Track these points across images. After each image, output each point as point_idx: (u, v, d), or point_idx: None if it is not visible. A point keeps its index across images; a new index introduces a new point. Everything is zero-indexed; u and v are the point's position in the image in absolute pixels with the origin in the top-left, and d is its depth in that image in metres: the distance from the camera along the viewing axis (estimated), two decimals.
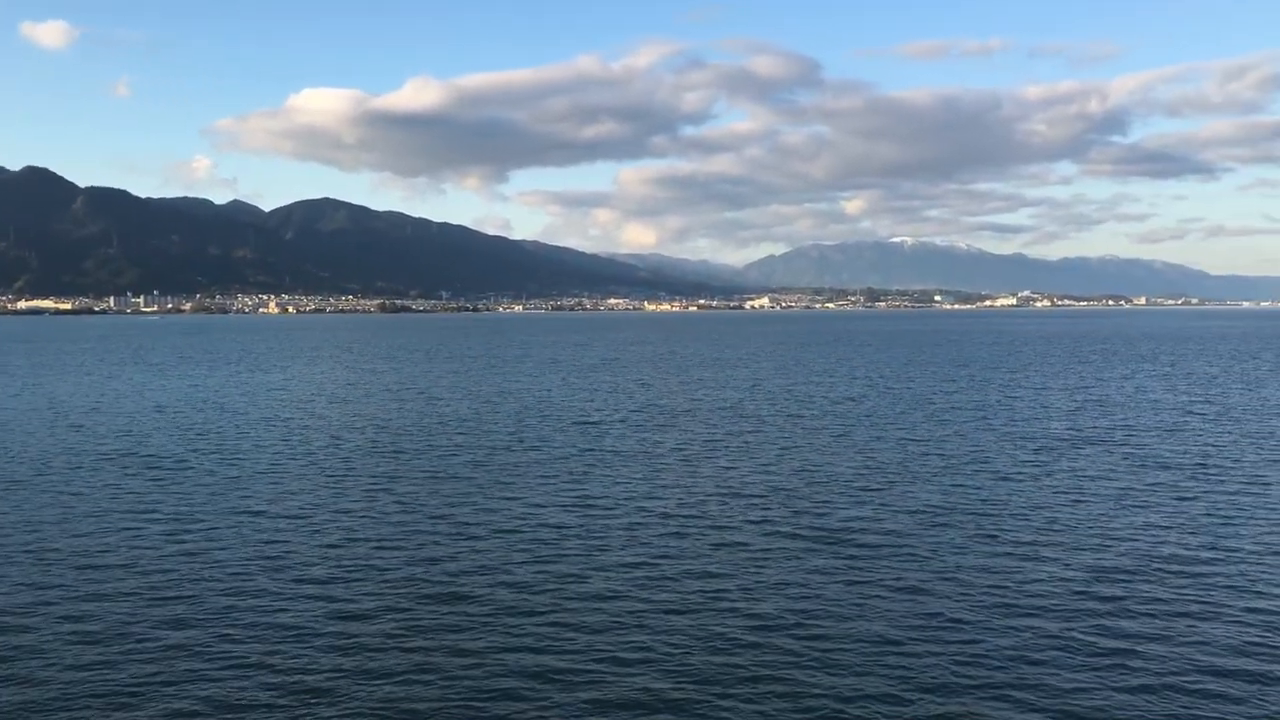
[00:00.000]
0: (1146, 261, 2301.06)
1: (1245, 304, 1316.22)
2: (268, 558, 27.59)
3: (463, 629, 21.97)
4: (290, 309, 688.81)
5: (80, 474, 40.59)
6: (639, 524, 31.52)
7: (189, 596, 24.21)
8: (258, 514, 33.06)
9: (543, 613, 22.97)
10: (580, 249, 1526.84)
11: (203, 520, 32.13)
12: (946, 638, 21.15)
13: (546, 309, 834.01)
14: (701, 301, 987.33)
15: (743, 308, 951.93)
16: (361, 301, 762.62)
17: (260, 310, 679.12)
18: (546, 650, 20.71)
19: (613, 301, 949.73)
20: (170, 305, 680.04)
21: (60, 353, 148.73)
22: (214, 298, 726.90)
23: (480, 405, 67.29)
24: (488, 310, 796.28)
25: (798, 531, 30.27)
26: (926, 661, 19.88)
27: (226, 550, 28.37)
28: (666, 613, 22.88)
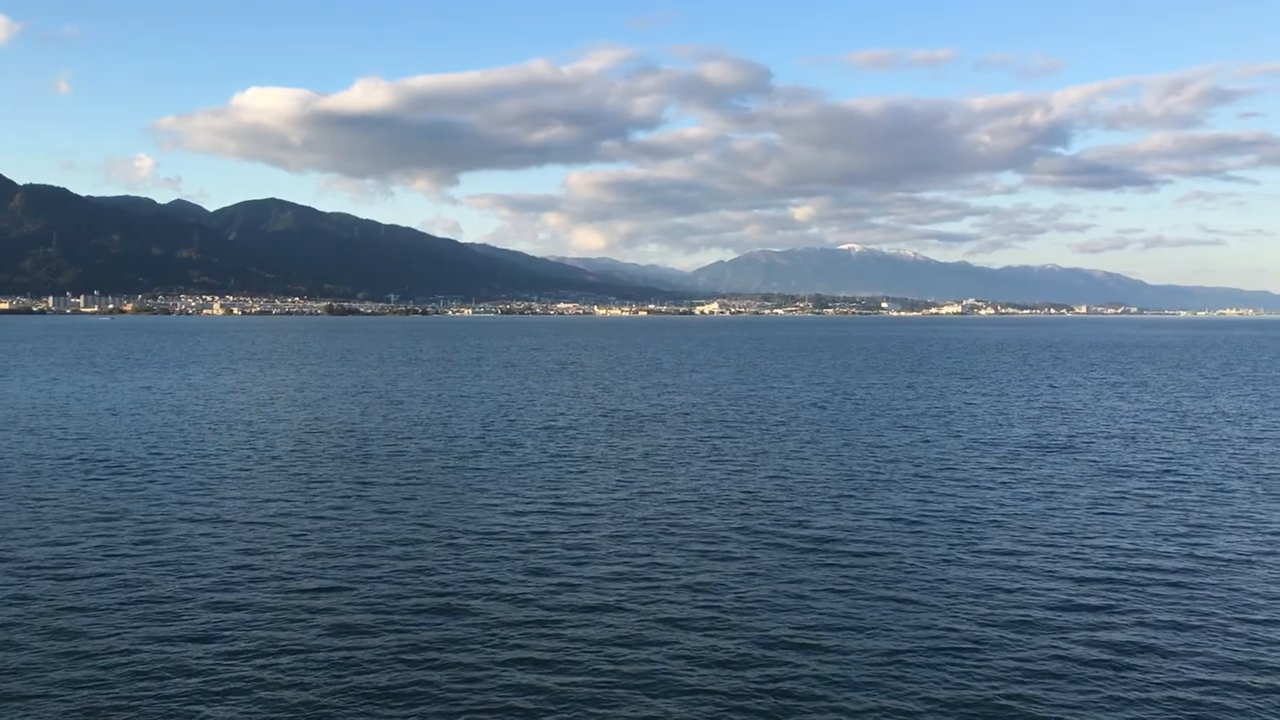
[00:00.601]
0: (1087, 271, 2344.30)
1: (1182, 313, 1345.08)
2: (247, 568, 26.97)
3: (457, 641, 21.59)
4: (235, 310, 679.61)
5: (42, 480, 39.51)
6: (622, 532, 31.27)
7: (168, 610, 23.59)
8: (230, 522, 32.33)
9: (535, 623, 22.68)
10: (530, 252, 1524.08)
11: (175, 529, 31.37)
12: (939, 649, 21.14)
13: (496, 312, 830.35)
14: (651, 306, 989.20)
15: (692, 313, 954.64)
16: (308, 303, 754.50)
17: (204, 311, 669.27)
18: (543, 664, 20.43)
19: (562, 306, 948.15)
20: (111, 305, 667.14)
21: (1, 353, 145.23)
22: (156, 298, 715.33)
23: (444, 409, 66.66)
24: (437, 313, 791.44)
25: (781, 540, 30.18)
26: (923, 674, 19.84)
27: (203, 559, 27.71)
28: (661, 623, 22.68)
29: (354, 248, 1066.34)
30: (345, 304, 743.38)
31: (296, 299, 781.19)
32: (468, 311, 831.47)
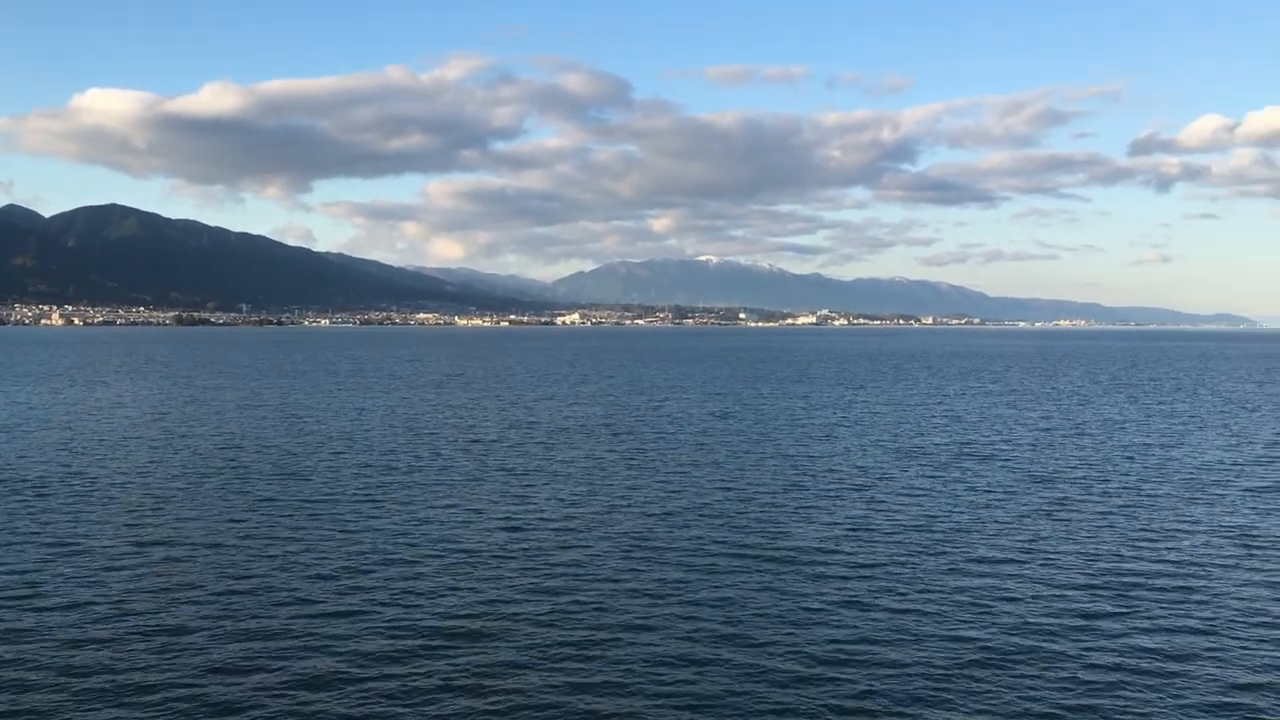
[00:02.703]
0: (932, 283, 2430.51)
1: (1021, 324, 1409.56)
2: (182, 588, 25.45)
3: (400, 658, 20.82)
4: (76, 320, 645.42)
5: None
6: (562, 545, 30.70)
7: (92, 637, 22.06)
8: (160, 543, 30.47)
9: (488, 637, 22.06)
10: (387, 262, 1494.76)
11: (95, 550, 29.38)
12: (900, 651, 21.37)
13: (354, 323, 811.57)
14: (512, 317, 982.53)
15: (554, 323, 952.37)
16: (154, 313, 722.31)
17: (42, 322, 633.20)
18: (494, 682, 19.86)
19: (422, 316, 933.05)
20: None
21: None
22: None
23: (346, 424, 64.56)
24: (292, 324, 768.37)
25: (728, 550, 30.15)
26: (883, 674, 20.04)
27: (131, 582, 26.03)
28: (618, 630, 22.33)
29: (202, 256, 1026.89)
30: (194, 314, 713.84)
31: (142, 309, 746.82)
32: (324, 322, 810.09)
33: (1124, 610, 24.49)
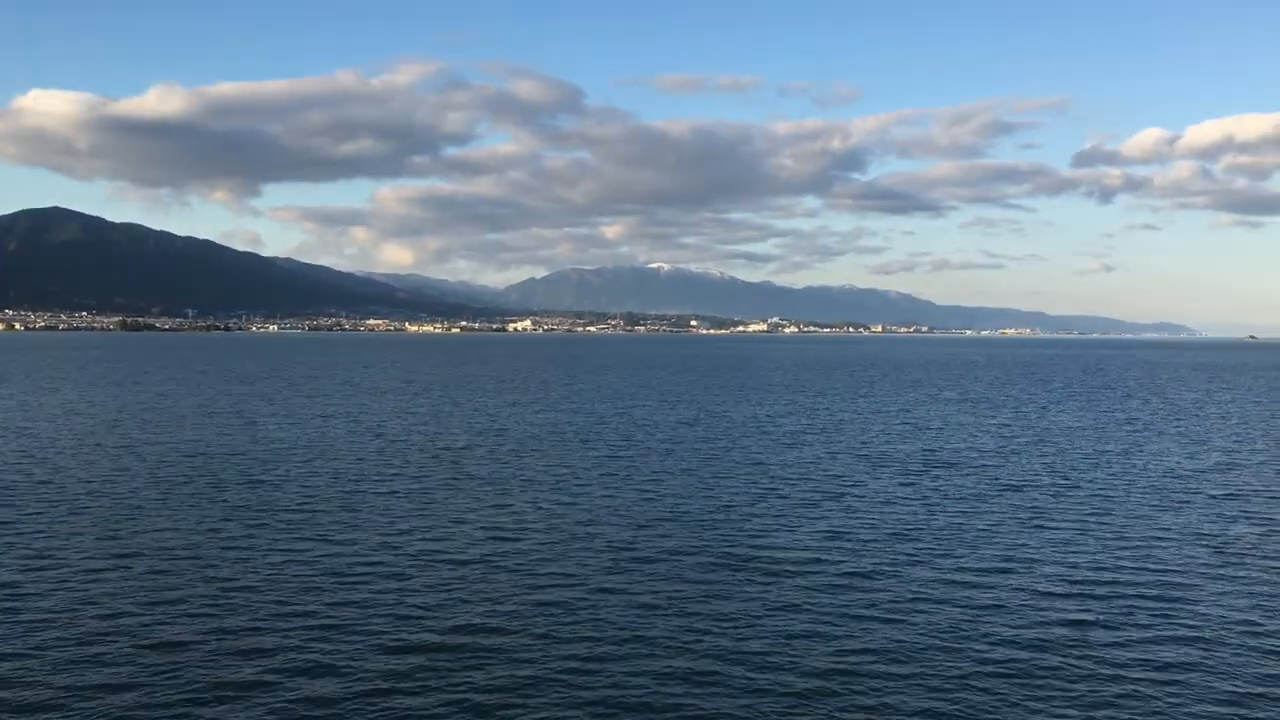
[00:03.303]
0: (881, 291, 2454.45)
1: (968, 332, 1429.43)
2: (170, 601, 25.04)
3: (402, 672, 20.66)
4: (17, 325, 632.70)
5: None
6: (549, 555, 30.58)
7: (85, 652, 21.66)
8: (139, 554, 29.91)
9: (487, 650, 21.94)
10: (336, 267, 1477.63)
11: (73, 562, 28.80)
12: (900, 663, 21.55)
13: (303, 328, 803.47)
14: (463, 323, 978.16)
15: (505, 330, 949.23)
16: (98, 318, 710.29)
17: None
18: (502, 697, 19.77)
19: (372, 322, 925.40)
20: None
21: None
22: None
23: (311, 431, 63.78)
24: (239, 329, 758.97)
25: (716, 559, 30.11)
26: (888, 686, 20.23)
27: (117, 594, 25.56)
28: (617, 642, 22.32)
29: (147, 260, 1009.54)
30: (140, 319, 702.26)
31: (85, 313, 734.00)
32: (273, 327, 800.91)
33: (1115, 619, 24.84)
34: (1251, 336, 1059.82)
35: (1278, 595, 26.94)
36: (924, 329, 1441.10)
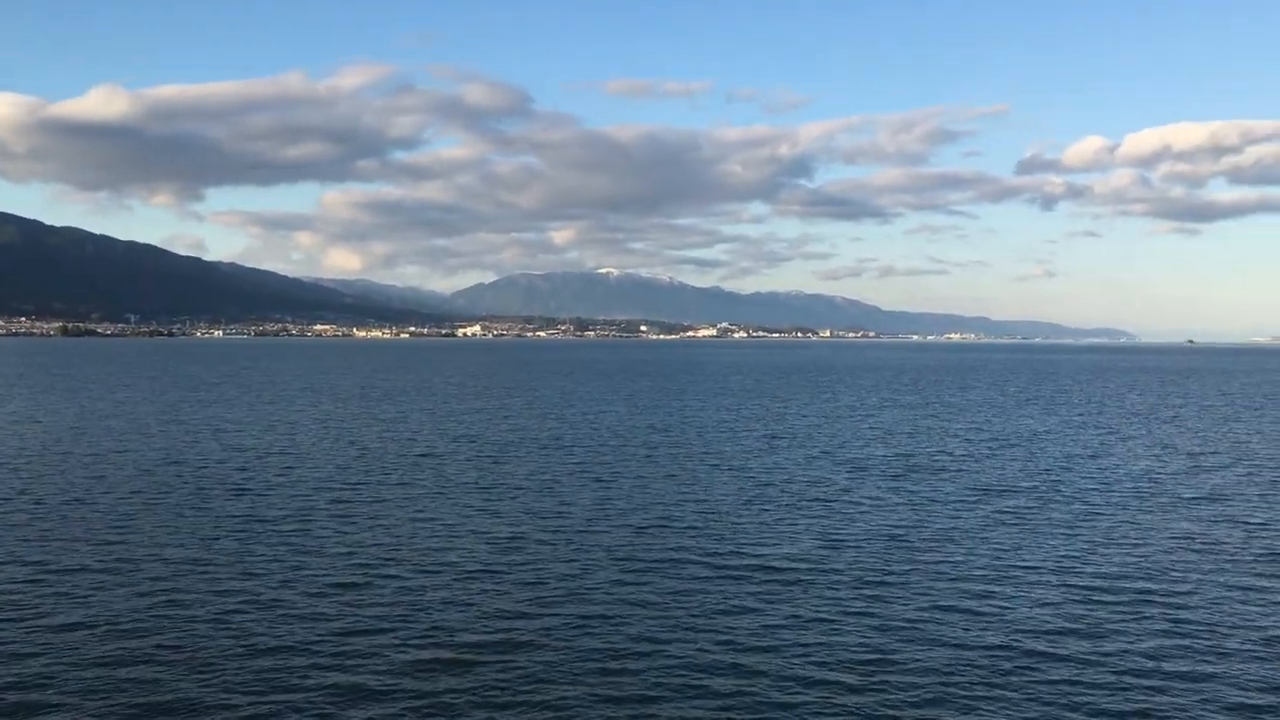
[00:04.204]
0: (828, 297, 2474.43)
1: (914, 337, 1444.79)
2: (182, 605, 24.72)
3: (427, 674, 20.62)
4: None
5: None
6: (551, 559, 30.56)
7: (102, 657, 21.35)
8: (140, 561, 29.47)
9: (508, 652, 21.94)
10: (282, 272, 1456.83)
11: (73, 570, 28.30)
12: (914, 661, 21.91)
13: (249, 334, 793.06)
14: (412, 329, 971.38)
15: (455, 335, 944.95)
16: (38, 324, 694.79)
17: None
18: (529, 696, 19.81)
19: (320, 327, 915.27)
20: None
21: None
22: None
23: (282, 438, 62.98)
24: (183, 335, 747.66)
25: (717, 563, 30.28)
26: (901, 682, 20.55)
27: (125, 601, 25.18)
28: (637, 642, 22.43)
29: (87, 265, 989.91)
30: (80, 325, 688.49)
31: (23, 319, 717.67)
32: (218, 333, 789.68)
33: (1118, 619, 25.34)
34: (1190, 341, 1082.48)
35: (1271, 596, 27.63)
36: (871, 334, 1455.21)
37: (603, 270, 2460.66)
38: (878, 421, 79.40)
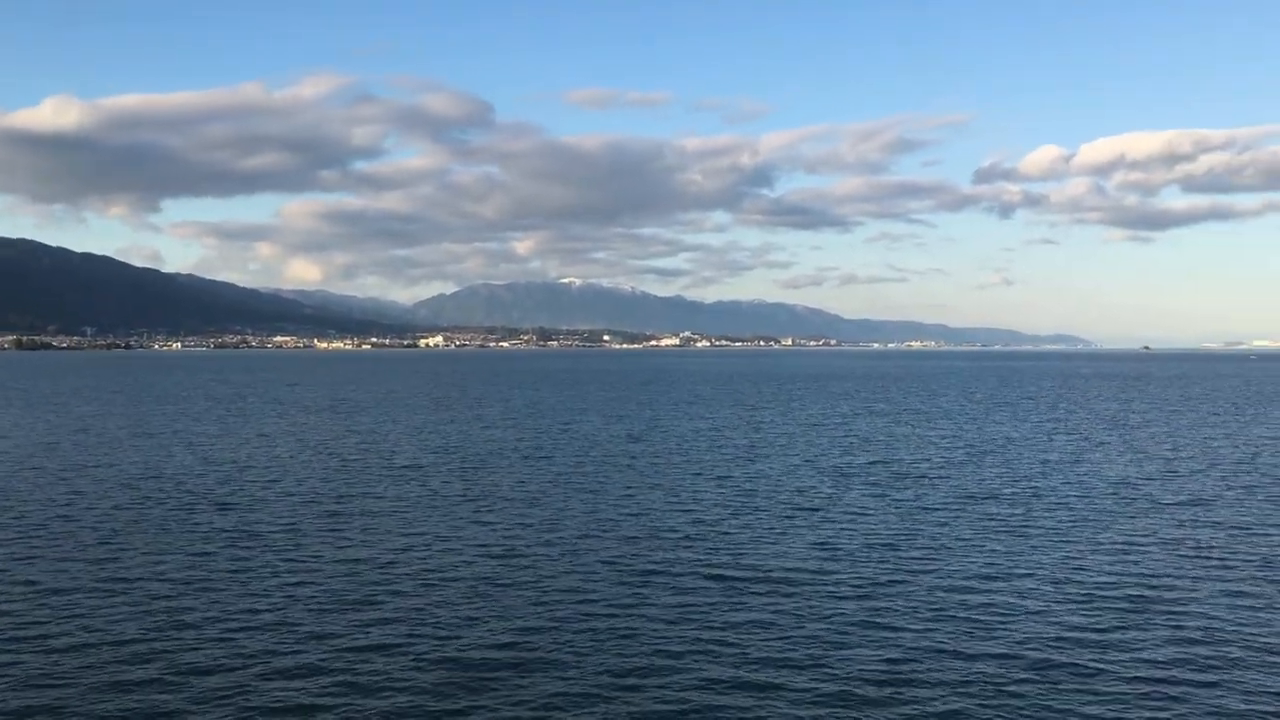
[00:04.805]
0: (790, 305, 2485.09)
1: (875, 345, 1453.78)
2: (190, 625, 24.47)
3: (448, 693, 20.57)
4: None
5: None
6: (554, 572, 30.52)
7: (113, 679, 21.11)
8: (139, 579, 29.11)
9: (528, 669, 21.94)
10: (240, 284, 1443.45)
11: (70, 589, 27.92)
12: (928, 672, 22.17)
13: (208, 346, 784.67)
14: (374, 339, 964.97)
15: (417, 346, 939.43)
16: None
17: None
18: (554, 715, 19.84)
19: (280, 339, 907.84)
20: None
21: None
22: None
23: (258, 452, 62.40)
24: (141, 348, 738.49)
25: (719, 574, 30.33)
26: (921, 694, 20.79)
27: (131, 620, 24.89)
28: (654, 657, 22.50)
29: (42, 277, 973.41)
30: (36, 338, 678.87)
31: None
32: (176, 345, 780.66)
33: (1123, 626, 25.70)
34: (1146, 348, 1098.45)
35: (1265, 599, 28.13)
36: (832, 342, 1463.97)
37: (565, 280, 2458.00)
38: (853, 429, 79.88)
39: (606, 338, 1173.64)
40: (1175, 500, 44.49)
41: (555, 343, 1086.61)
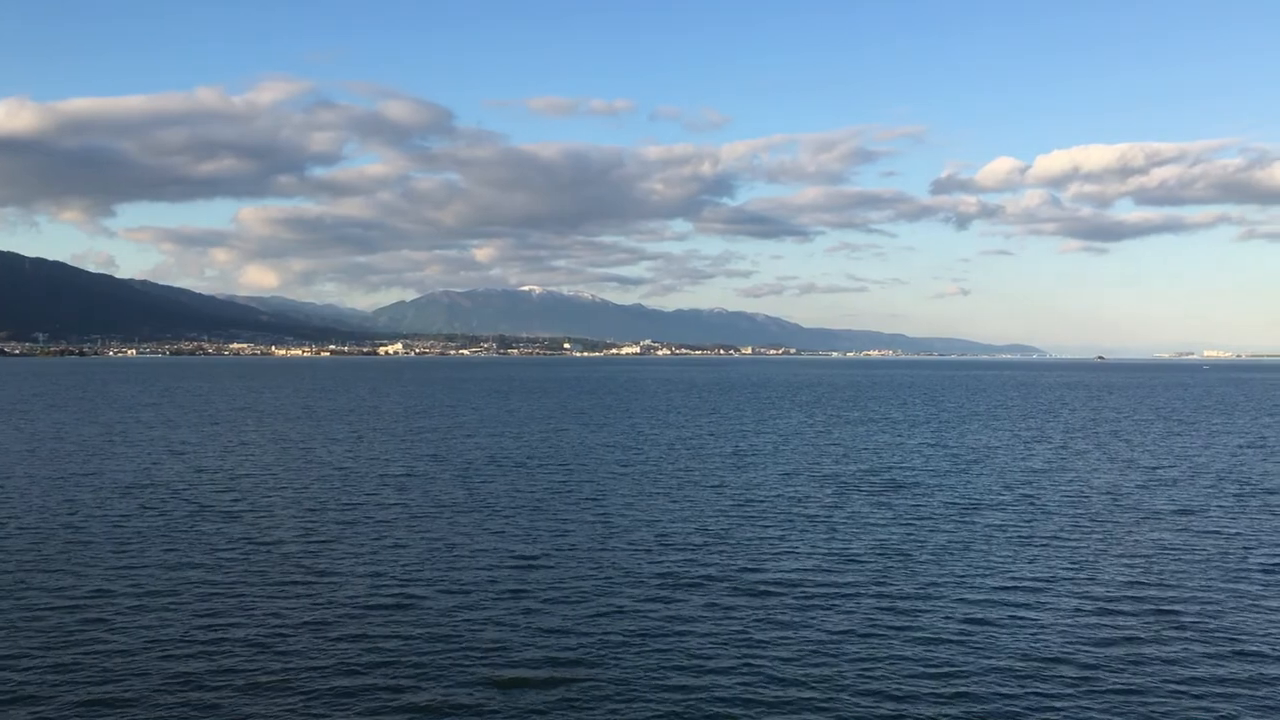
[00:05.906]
0: (750, 314, 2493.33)
1: (834, 354, 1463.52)
2: (218, 628, 24.39)
3: (474, 706, 20.71)
4: None
5: None
6: (570, 579, 30.70)
7: (138, 692, 21.03)
8: (151, 593, 28.91)
9: (559, 682, 22.11)
10: (196, 290, 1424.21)
11: (82, 600, 27.69)
12: (944, 679, 22.60)
13: (164, 353, 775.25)
14: (333, 347, 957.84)
15: (376, 353, 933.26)
16: None
17: None
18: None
19: (237, 346, 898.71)
20: None
21: None
22: None
23: (244, 460, 61.91)
24: (95, 354, 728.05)
25: (733, 582, 30.68)
26: (930, 702, 21.21)
27: (152, 630, 24.75)
28: (684, 665, 22.76)
29: None
30: None
31: None
32: (131, 352, 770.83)
33: (1146, 629, 26.26)
34: (1100, 357, 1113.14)
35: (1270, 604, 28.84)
36: (791, 351, 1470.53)
37: (526, 288, 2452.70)
38: (836, 438, 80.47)
39: (567, 345, 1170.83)
40: (1170, 508, 45.31)
41: (515, 351, 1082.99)
